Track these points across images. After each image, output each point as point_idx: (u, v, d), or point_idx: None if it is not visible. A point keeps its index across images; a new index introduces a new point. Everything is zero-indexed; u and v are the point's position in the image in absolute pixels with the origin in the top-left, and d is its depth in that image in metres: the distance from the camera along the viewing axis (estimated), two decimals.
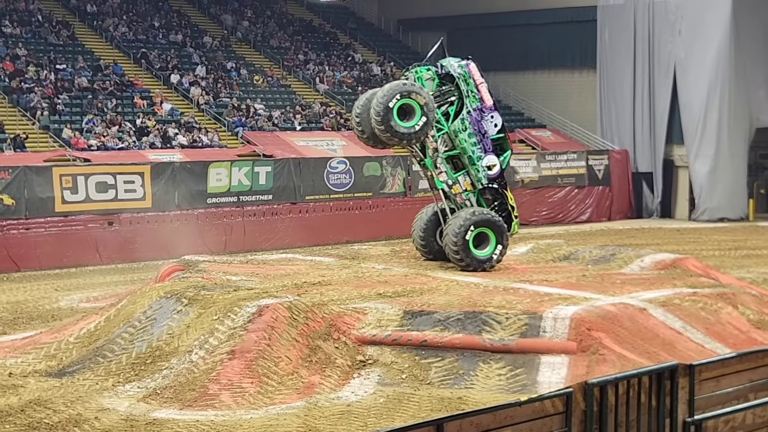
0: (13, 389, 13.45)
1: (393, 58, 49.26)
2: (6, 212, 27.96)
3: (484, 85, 19.23)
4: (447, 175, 18.99)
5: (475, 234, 18.18)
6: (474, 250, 18.20)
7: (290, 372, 13.20)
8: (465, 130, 18.85)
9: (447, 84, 19.11)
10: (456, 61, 19.35)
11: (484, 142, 18.94)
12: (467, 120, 18.87)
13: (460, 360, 13.56)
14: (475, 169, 18.91)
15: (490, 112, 19.14)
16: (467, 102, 18.95)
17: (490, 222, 18.38)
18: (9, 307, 21.51)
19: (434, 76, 19.01)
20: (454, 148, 18.96)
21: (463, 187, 19.03)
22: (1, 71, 35.65)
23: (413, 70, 19.17)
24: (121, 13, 44.76)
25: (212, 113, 37.90)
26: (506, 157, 19.29)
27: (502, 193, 19.28)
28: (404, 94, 17.97)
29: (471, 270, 18.14)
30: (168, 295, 15.31)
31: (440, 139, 18.87)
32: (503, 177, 19.33)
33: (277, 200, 33.10)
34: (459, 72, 19.12)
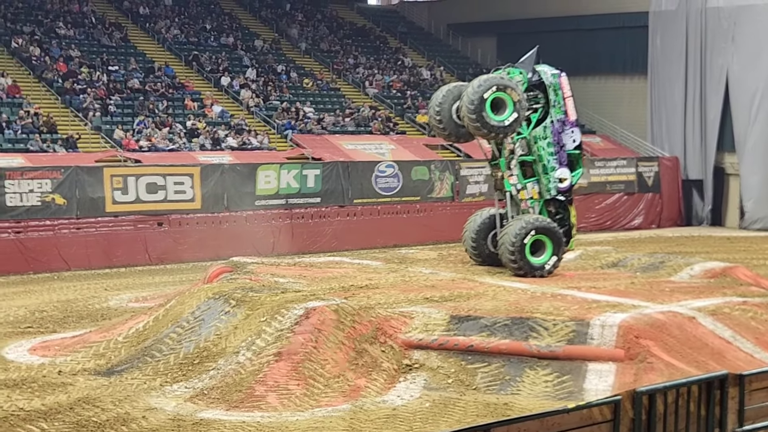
0: (62, 387, 13.59)
1: (442, 63, 49.20)
2: (57, 212, 28.20)
3: (571, 100, 19.24)
4: (517, 179, 18.98)
5: (533, 240, 18.14)
6: (529, 255, 18.17)
7: (336, 375, 13.23)
8: (545, 138, 18.85)
9: (535, 90, 19.10)
10: (550, 69, 19.33)
11: (560, 154, 18.94)
12: (549, 129, 18.90)
13: (507, 366, 13.52)
14: (547, 178, 18.89)
15: (572, 127, 19.17)
16: (552, 112, 18.98)
17: (550, 231, 18.33)
18: (59, 305, 21.70)
19: (525, 80, 18.99)
20: (530, 154, 18.94)
21: (530, 194, 19.01)
22: (54, 72, 36.01)
23: (506, 70, 19.18)
24: (174, 16, 45.08)
25: (262, 116, 38.05)
26: (577, 174, 19.27)
27: (566, 208, 19.23)
28: (500, 87, 18.05)
29: (523, 275, 18.09)
30: (216, 296, 15.40)
31: (518, 143, 18.86)
32: (571, 193, 19.28)
33: (325, 203, 33.15)
34: (551, 81, 19.13)
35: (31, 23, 39.58)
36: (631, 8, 45.44)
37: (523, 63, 19.44)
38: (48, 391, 13.44)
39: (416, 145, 38.48)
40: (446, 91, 18.94)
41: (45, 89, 35.26)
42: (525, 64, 19.41)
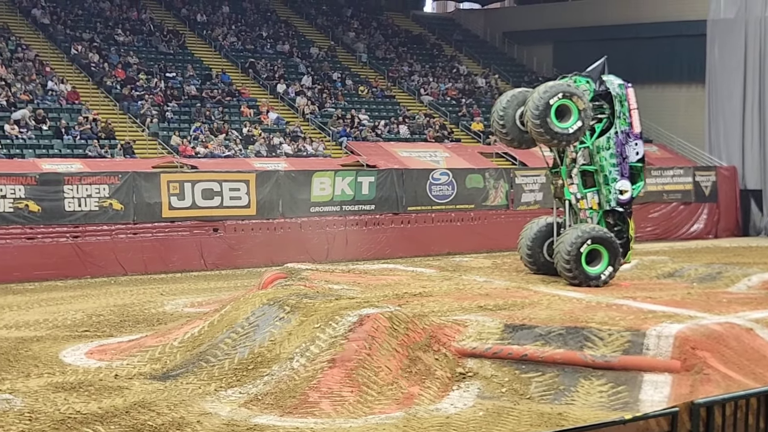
0: (118, 391, 13.72)
1: (498, 71, 49.09)
2: (115, 217, 28.47)
3: (636, 112, 19.14)
4: (577, 188, 18.90)
5: (589, 249, 18.03)
6: (585, 265, 18.06)
7: (390, 382, 13.22)
8: (608, 149, 18.76)
9: (601, 100, 19.02)
10: (617, 80, 19.25)
11: (622, 165, 18.84)
12: (613, 140, 18.81)
13: (561, 375, 13.44)
14: (608, 189, 18.80)
15: (636, 139, 19.07)
16: (617, 123, 18.89)
17: (607, 241, 18.20)
18: (116, 310, 21.89)
19: (591, 89, 18.92)
20: (592, 164, 18.86)
21: (589, 204, 18.93)
22: (113, 79, 36.42)
23: (572, 78, 19.13)
24: (230, 23, 45.41)
25: (317, 123, 38.20)
26: (638, 187, 19.14)
27: (625, 220, 19.10)
28: (566, 94, 17.99)
29: (577, 285, 17.98)
30: (271, 302, 15.46)
31: (581, 152, 18.79)
32: (630, 205, 19.15)
33: (380, 210, 33.18)
34: (618, 92, 19.05)
35: (91, 30, 40.07)
36: (689, 16, 45.06)
37: (590, 72, 19.36)
38: (104, 394, 13.56)
39: (471, 153, 38.42)
40: (510, 97, 18.91)
41: (104, 95, 35.67)
42: (592, 73, 19.32)
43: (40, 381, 14.54)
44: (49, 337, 18.29)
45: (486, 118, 42.56)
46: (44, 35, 38.88)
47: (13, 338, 18.16)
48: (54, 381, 14.49)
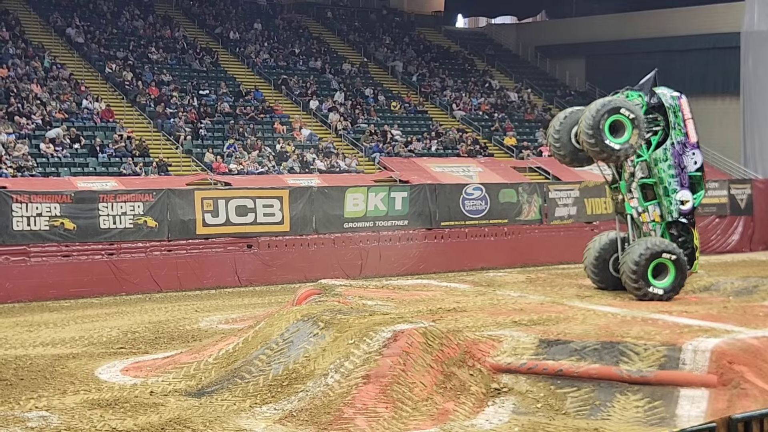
0: (153, 408, 13.75)
1: (530, 85, 49.05)
2: (149, 234, 28.61)
3: (691, 122, 19.11)
4: (638, 202, 18.85)
5: (655, 264, 17.95)
6: (652, 278, 17.98)
7: (425, 398, 13.19)
8: (666, 160, 18.71)
9: (654, 113, 18.98)
10: (669, 92, 19.21)
11: (681, 176, 18.77)
12: (669, 151, 18.75)
13: (597, 390, 13.36)
14: (668, 201, 18.73)
15: (693, 149, 19.01)
16: (673, 134, 18.83)
17: (672, 254, 18.11)
18: (151, 326, 21.97)
19: (644, 103, 18.89)
20: (651, 177, 18.81)
21: (651, 216, 18.86)
22: (147, 97, 36.65)
23: (624, 93, 19.11)
24: (263, 40, 45.63)
25: (350, 139, 38.28)
26: (699, 196, 19.05)
27: (688, 230, 19.02)
28: (618, 110, 17.97)
29: (645, 299, 17.88)
30: (305, 318, 15.47)
31: (638, 165, 18.75)
32: (693, 215, 19.07)
33: (413, 226, 33.16)
34: (671, 103, 19.01)
35: (125, 49, 40.38)
36: (722, 29, 44.89)
37: (641, 86, 19.33)
38: (140, 411, 13.60)
39: (504, 168, 38.37)
40: (565, 116, 18.93)
41: (138, 113, 35.92)
42: (644, 86, 19.29)
43: (76, 398, 14.60)
44: (85, 354, 18.39)
45: (519, 132, 42.58)
46: (79, 54, 39.22)
47: (50, 355, 18.27)
48: (90, 398, 14.55)
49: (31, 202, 26.91)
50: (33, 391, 15.15)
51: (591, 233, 36.34)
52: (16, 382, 15.91)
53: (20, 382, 15.97)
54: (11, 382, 15.96)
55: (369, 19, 52.84)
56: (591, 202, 36.82)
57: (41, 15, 41.62)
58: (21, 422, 13.23)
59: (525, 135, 43.01)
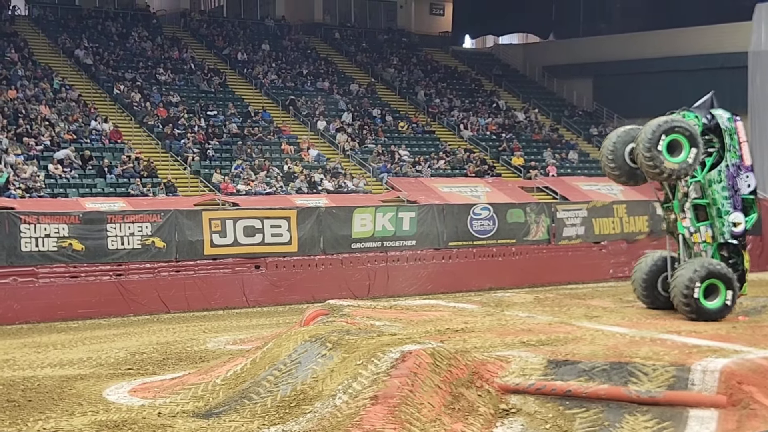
0: (161, 429, 13.73)
1: (538, 105, 49.10)
2: (157, 255, 28.64)
3: (746, 145, 19.10)
4: (691, 222, 18.84)
5: (706, 285, 17.92)
6: (703, 299, 17.94)
7: (433, 419, 13.15)
8: (720, 182, 18.70)
9: (709, 134, 18.98)
10: (726, 114, 19.21)
11: (735, 198, 18.76)
12: (724, 173, 18.73)
13: (606, 411, 13.31)
14: (721, 222, 18.70)
15: (747, 172, 19.01)
16: (728, 156, 18.81)
17: (723, 275, 18.06)
18: (159, 347, 21.96)
19: (700, 123, 18.90)
20: (704, 198, 18.79)
21: (703, 237, 18.83)
22: (155, 118, 36.75)
23: (681, 113, 19.11)
24: (271, 61, 45.77)
25: (358, 159, 38.33)
26: (751, 219, 19.01)
27: (739, 253, 18.98)
28: (678, 130, 17.98)
29: (696, 320, 17.82)
30: (313, 339, 15.44)
31: (692, 186, 18.75)
32: (744, 237, 19.04)
33: (421, 246, 33.15)
34: (727, 125, 18.99)
35: (133, 70, 40.54)
36: (729, 48, 44.94)
37: (698, 106, 19.34)
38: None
39: (512, 188, 38.37)
40: (620, 134, 18.91)
41: (146, 134, 36.02)
42: (700, 107, 19.30)
43: (84, 419, 14.59)
44: (93, 375, 18.38)
45: (526, 152, 42.60)
46: (87, 75, 39.37)
47: (57, 376, 18.27)
48: (98, 419, 14.53)
49: (40, 223, 26.97)
50: (41, 413, 15.15)
51: (599, 253, 36.42)
52: (24, 404, 15.91)
53: (28, 403, 15.97)
54: (19, 403, 15.96)
55: (376, 40, 52.99)
56: (599, 222, 36.79)
57: (50, 37, 41.81)
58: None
59: (533, 155, 43.03)
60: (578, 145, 45.56)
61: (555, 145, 44.57)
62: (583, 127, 47.87)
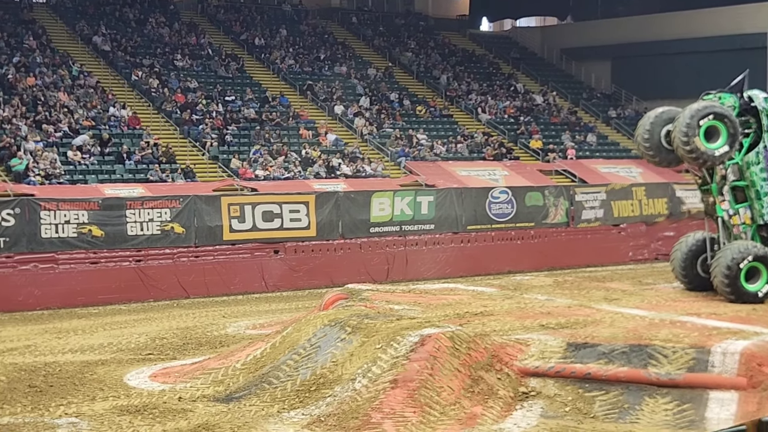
0: (182, 413, 13.80)
1: (556, 88, 48.93)
2: (176, 240, 28.71)
3: None
4: (729, 205, 18.76)
5: (747, 267, 17.86)
6: (744, 283, 17.88)
7: (452, 402, 13.17)
8: (758, 164, 18.61)
9: (746, 115, 18.87)
10: (762, 94, 19.10)
11: None
12: (762, 155, 18.64)
13: (626, 394, 13.31)
14: (760, 204, 18.62)
15: None
16: (765, 137, 18.71)
17: (765, 258, 18.00)
18: (179, 332, 22.05)
19: (736, 105, 18.79)
20: (742, 180, 18.71)
21: (742, 219, 18.76)
22: (173, 103, 36.78)
23: (716, 95, 19.00)
24: (288, 46, 45.72)
25: (375, 143, 38.29)
26: None
27: None
28: (716, 115, 17.92)
29: (736, 302, 17.77)
30: (332, 323, 15.48)
31: (730, 168, 18.66)
32: None
33: (439, 230, 33.13)
34: (764, 106, 18.89)
35: (150, 56, 40.56)
36: (748, 30, 44.69)
37: (733, 87, 19.22)
38: (168, 417, 13.66)
39: (530, 171, 38.27)
40: (655, 116, 18.80)
41: (164, 120, 36.05)
42: (735, 88, 19.18)
43: (105, 404, 14.68)
44: (114, 361, 18.48)
45: (544, 135, 42.47)
46: (105, 62, 39.42)
47: (79, 362, 18.37)
48: (119, 404, 14.63)
49: (59, 210, 27.08)
50: (62, 398, 15.25)
51: (618, 236, 36.36)
52: (45, 389, 16.01)
53: (50, 388, 16.07)
54: (41, 388, 16.06)
55: (394, 23, 52.86)
56: (618, 205, 36.70)
57: (68, 24, 41.87)
58: (51, 429, 13.32)
59: (551, 138, 42.91)
60: (597, 128, 45.40)
61: (573, 128, 44.43)
62: (601, 110, 47.69)
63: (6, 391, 15.91)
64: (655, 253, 36.24)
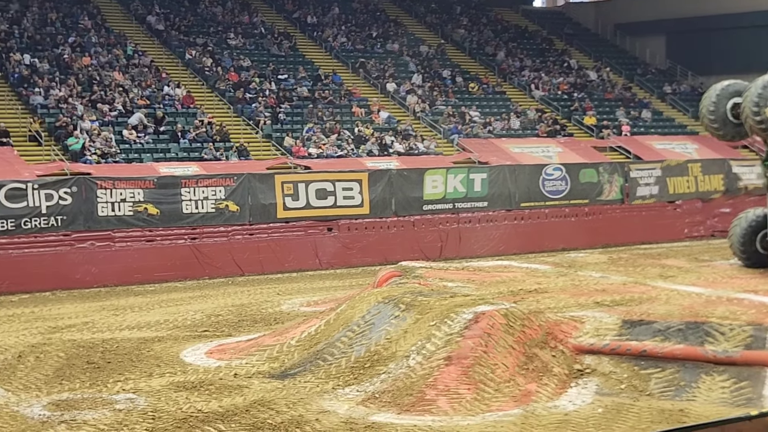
0: (238, 390, 13.91)
1: (610, 63, 48.51)
2: (231, 218, 28.90)
3: None
4: None
5: None
6: None
7: (507, 379, 13.16)
8: None
9: None
10: None
11: None
12: None
13: (682, 371, 13.21)
14: None
15: None
16: None
17: None
18: (234, 309, 22.20)
19: None
20: None
21: None
22: (226, 82, 36.95)
23: None
24: (340, 24, 45.71)
25: (428, 121, 38.21)
26: None
27: None
28: None
29: None
30: (386, 300, 15.51)
31: None
32: None
33: (492, 207, 33.04)
34: None
35: (204, 35, 40.75)
36: None
37: None
38: (224, 393, 13.77)
39: (584, 148, 38.03)
40: (721, 89, 18.57)
41: (218, 99, 36.24)
42: None
43: (162, 380, 14.83)
44: (170, 338, 18.65)
45: (599, 111, 42.15)
46: (159, 41, 39.67)
47: (136, 339, 18.56)
48: (175, 380, 14.76)
49: (115, 188, 27.35)
50: (120, 374, 15.42)
51: (673, 212, 36.06)
52: (103, 365, 16.21)
53: (107, 365, 16.26)
54: (99, 365, 16.26)
55: (446, 0, 52.64)
56: (673, 181, 36.36)
57: (122, 3, 42.15)
58: (109, 404, 13.48)
59: (605, 114, 42.56)
60: (651, 104, 44.97)
61: (628, 104, 44.04)
62: (656, 85, 47.22)
63: (65, 367, 16.13)
64: (711, 230, 35.89)
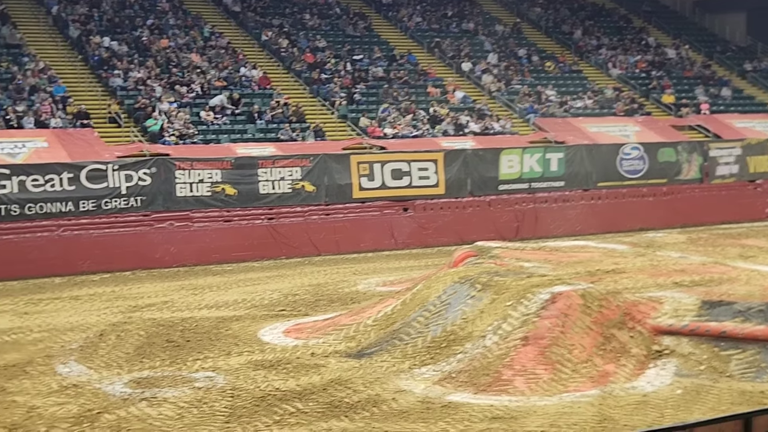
0: (315, 368, 14.02)
1: (689, 41, 47.78)
2: (307, 198, 29.05)
3: None
4: None
5: None
6: None
7: (584, 360, 13.10)
8: None
9: None
10: None
11: None
12: None
13: (763, 352, 13.06)
14: None
15: None
16: None
17: None
18: (311, 289, 22.35)
19: None
20: None
21: None
22: (302, 63, 37.08)
23: None
24: (415, 4, 45.60)
25: (504, 100, 38.01)
26: None
27: None
28: None
29: None
30: (462, 280, 15.51)
31: None
32: None
33: (569, 187, 32.80)
34: None
35: (280, 16, 40.91)
36: None
37: None
38: (302, 372, 13.89)
39: (662, 127, 37.54)
40: None
41: (294, 80, 36.38)
42: None
43: (240, 359, 15.00)
44: (248, 317, 18.84)
45: (677, 89, 41.58)
46: (235, 23, 39.92)
47: (214, 318, 18.79)
48: (253, 359, 14.93)
49: (193, 169, 27.64)
50: (199, 353, 15.63)
51: (754, 192, 35.51)
52: (183, 344, 16.44)
53: (187, 343, 16.49)
54: (178, 343, 16.49)
55: None
56: (754, 160, 35.78)
57: None
58: (189, 382, 13.67)
59: (684, 92, 41.97)
60: (731, 82, 44.24)
61: (707, 82, 43.38)
62: (736, 63, 46.43)
63: (145, 345, 16.39)
64: None
